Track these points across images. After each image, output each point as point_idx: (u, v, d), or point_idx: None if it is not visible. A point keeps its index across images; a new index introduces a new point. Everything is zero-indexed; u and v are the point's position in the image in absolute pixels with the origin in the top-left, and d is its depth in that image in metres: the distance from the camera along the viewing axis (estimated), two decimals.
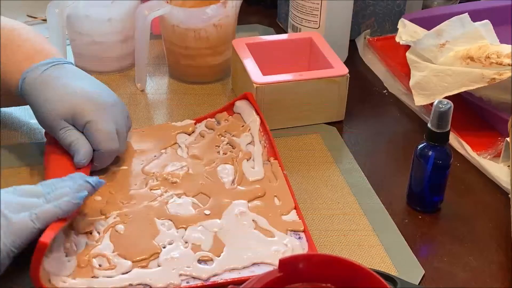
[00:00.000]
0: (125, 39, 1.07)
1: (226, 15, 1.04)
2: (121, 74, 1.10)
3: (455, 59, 0.96)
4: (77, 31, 1.06)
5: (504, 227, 0.83)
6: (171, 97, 1.06)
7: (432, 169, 0.83)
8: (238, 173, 0.87)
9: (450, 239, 0.82)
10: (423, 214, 0.86)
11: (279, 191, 0.84)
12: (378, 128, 1.02)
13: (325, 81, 0.97)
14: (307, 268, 0.63)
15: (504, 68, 0.92)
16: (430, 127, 0.81)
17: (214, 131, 0.93)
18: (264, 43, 1.05)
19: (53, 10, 0.99)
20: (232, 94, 1.06)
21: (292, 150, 0.95)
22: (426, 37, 0.99)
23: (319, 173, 0.91)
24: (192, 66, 1.07)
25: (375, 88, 1.10)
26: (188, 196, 0.84)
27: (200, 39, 1.04)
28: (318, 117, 1.00)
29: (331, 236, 0.82)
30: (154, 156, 0.90)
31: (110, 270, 0.73)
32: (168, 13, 1.02)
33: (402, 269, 0.77)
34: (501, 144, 0.92)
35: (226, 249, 0.77)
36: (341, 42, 1.12)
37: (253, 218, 0.81)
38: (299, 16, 1.09)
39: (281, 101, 0.97)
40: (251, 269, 0.75)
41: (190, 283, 0.73)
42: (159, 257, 0.75)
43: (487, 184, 0.90)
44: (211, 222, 0.80)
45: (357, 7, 1.15)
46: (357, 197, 0.87)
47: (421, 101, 0.97)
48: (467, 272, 0.78)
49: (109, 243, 0.77)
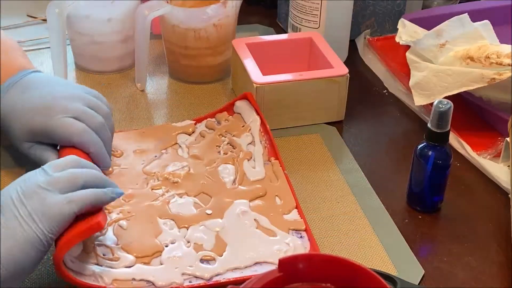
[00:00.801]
0: (125, 39, 1.07)
1: (226, 15, 1.04)
2: (121, 74, 1.10)
3: (455, 59, 0.96)
4: (77, 31, 1.06)
5: (504, 227, 0.83)
6: (171, 97, 1.06)
7: (432, 169, 0.83)
8: (239, 173, 0.87)
9: (450, 239, 0.83)
10: (423, 214, 0.86)
11: (280, 191, 0.85)
12: (378, 128, 1.02)
13: (325, 81, 0.97)
14: (307, 268, 0.63)
15: (504, 68, 0.92)
16: (430, 127, 0.81)
17: (215, 131, 0.94)
18: (264, 43, 1.05)
19: (53, 10, 0.99)
20: (232, 94, 1.06)
21: (292, 150, 0.95)
22: (426, 37, 0.99)
23: (319, 173, 0.91)
24: (192, 66, 1.07)
25: (375, 88, 1.10)
26: (189, 195, 0.84)
27: (200, 39, 1.04)
28: (318, 117, 1.00)
29: (331, 236, 0.82)
30: (154, 156, 0.90)
31: (114, 261, 0.74)
32: (168, 13, 1.02)
33: (402, 269, 0.78)
34: (501, 144, 0.92)
35: (228, 249, 0.77)
36: (341, 42, 1.12)
37: (254, 218, 0.81)
38: (299, 16, 1.09)
39: (281, 101, 0.97)
40: (253, 269, 0.75)
41: (193, 282, 0.73)
42: (161, 256, 0.76)
43: (487, 184, 0.91)
44: (213, 221, 0.80)
45: (357, 7, 1.15)
46: (357, 197, 0.87)
47: (421, 101, 0.97)
48: (467, 272, 0.78)
49: (113, 236, 0.77)
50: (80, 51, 1.09)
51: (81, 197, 0.69)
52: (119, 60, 1.09)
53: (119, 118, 1.00)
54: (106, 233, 0.77)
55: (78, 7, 1.02)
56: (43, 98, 0.82)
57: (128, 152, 0.90)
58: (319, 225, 0.83)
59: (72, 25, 1.05)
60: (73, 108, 0.81)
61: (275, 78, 0.96)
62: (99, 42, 1.06)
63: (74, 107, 0.82)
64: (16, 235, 0.65)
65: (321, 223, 0.83)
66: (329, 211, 0.85)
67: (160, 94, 1.06)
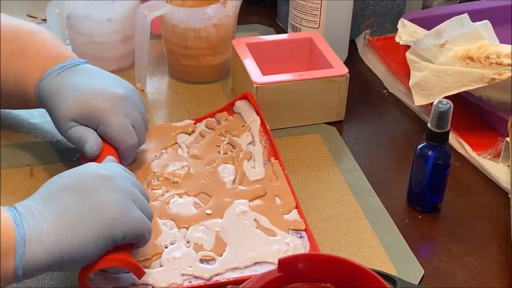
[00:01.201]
0: (125, 39, 1.07)
1: (226, 15, 1.04)
2: (121, 74, 1.09)
3: (455, 59, 0.96)
4: (77, 31, 1.06)
5: (504, 227, 0.83)
6: (171, 97, 1.06)
7: (432, 169, 0.83)
8: (239, 172, 0.87)
9: (450, 239, 0.83)
10: (423, 214, 0.86)
11: (280, 191, 0.85)
12: (378, 128, 1.02)
13: (325, 81, 0.97)
14: (306, 268, 0.63)
15: (504, 68, 0.92)
16: (430, 127, 0.81)
17: (214, 131, 0.93)
18: (264, 43, 1.05)
19: (53, 10, 0.99)
20: (232, 94, 1.06)
21: (292, 150, 0.95)
22: (426, 37, 0.99)
23: (319, 173, 0.91)
24: (192, 66, 1.07)
25: (375, 88, 1.10)
26: (189, 195, 0.84)
27: (200, 39, 1.04)
28: (318, 117, 1.00)
29: (331, 236, 0.82)
30: (154, 156, 0.90)
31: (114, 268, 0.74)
32: (168, 13, 1.02)
33: (402, 269, 0.78)
34: (501, 144, 0.92)
35: (228, 249, 0.77)
36: (341, 42, 1.12)
37: (254, 218, 0.81)
38: (299, 16, 1.09)
39: (281, 101, 0.97)
40: (253, 268, 0.75)
41: (193, 282, 0.73)
42: (161, 257, 0.75)
43: (487, 184, 0.91)
44: (212, 221, 0.80)
45: (357, 7, 1.15)
46: (357, 197, 0.87)
47: (421, 101, 0.97)
48: (467, 272, 0.78)
49: None
50: (80, 51, 1.08)
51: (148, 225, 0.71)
52: (119, 60, 1.09)
53: None
54: None
55: (78, 7, 1.02)
56: (107, 86, 0.84)
57: None
58: (319, 225, 0.83)
59: (72, 25, 1.05)
60: (132, 116, 0.83)
61: (275, 78, 0.96)
62: (99, 42, 1.06)
63: (133, 115, 0.84)
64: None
65: (321, 223, 0.83)
66: (329, 211, 0.85)
67: (160, 94, 1.06)
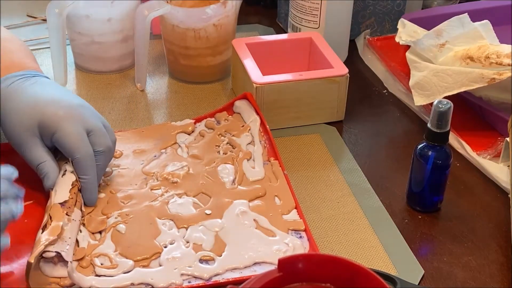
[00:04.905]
0: (125, 39, 1.07)
1: (226, 15, 1.04)
2: (121, 74, 1.10)
3: (455, 59, 0.96)
4: (77, 31, 1.06)
5: (504, 227, 0.83)
6: (171, 97, 1.06)
7: (432, 169, 0.83)
8: (239, 173, 0.87)
9: (450, 239, 0.82)
10: (423, 214, 0.86)
11: (280, 191, 0.84)
12: (378, 128, 1.02)
13: (325, 81, 0.97)
14: (306, 268, 0.62)
15: (504, 68, 0.92)
16: (430, 127, 0.81)
17: (214, 131, 0.93)
18: (264, 43, 1.05)
19: (53, 10, 0.99)
20: (232, 94, 1.06)
21: (292, 150, 0.95)
22: (426, 37, 0.99)
23: (319, 173, 0.91)
24: (192, 66, 1.07)
25: (375, 88, 1.10)
26: (188, 196, 0.84)
27: (200, 39, 1.04)
28: (318, 117, 1.00)
29: (331, 236, 0.82)
30: (154, 156, 0.90)
31: (112, 269, 0.74)
32: (168, 13, 1.02)
33: (402, 269, 0.78)
34: (501, 144, 0.92)
35: (227, 249, 0.77)
36: (341, 42, 1.12)
37: (254, 218, 0.81)
38: (299, 16, 1.09)
39: (281, 101, 0.97)
40: (252, 269, 0.75)
41: (192, 282, 0.73)
42: (160, 257, 0.75)
43: (487, 184, 0.91)
44: (212, 221, 0.80)
45: (357, 7, 1.15)
46: (357, 197, 0.87)
47: (421, 101, 0.97)
48: (467, 272, 0.78)
49: (111, 243, 0.77)
50: (80, 51, 1.09)
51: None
52: (119, 60, 1.09)
53: (119, 118, 1.00)
54: (104, 241, 0.77)
55: (78, 7, 1.02)
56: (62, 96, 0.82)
57: (127, 152, 0.90)
58: (318, 225, 0.83)
59: (72, 25, 1.05)
60: (90, 122, 0.80)
61: (275, 78, 0.96)
62: (99, 42, 1.06)
63: (91, 122, 0.80)
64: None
65: (321, 223, 0.83)
66: (329, 211, 0.85)
67: (160, 94, 1.06)
